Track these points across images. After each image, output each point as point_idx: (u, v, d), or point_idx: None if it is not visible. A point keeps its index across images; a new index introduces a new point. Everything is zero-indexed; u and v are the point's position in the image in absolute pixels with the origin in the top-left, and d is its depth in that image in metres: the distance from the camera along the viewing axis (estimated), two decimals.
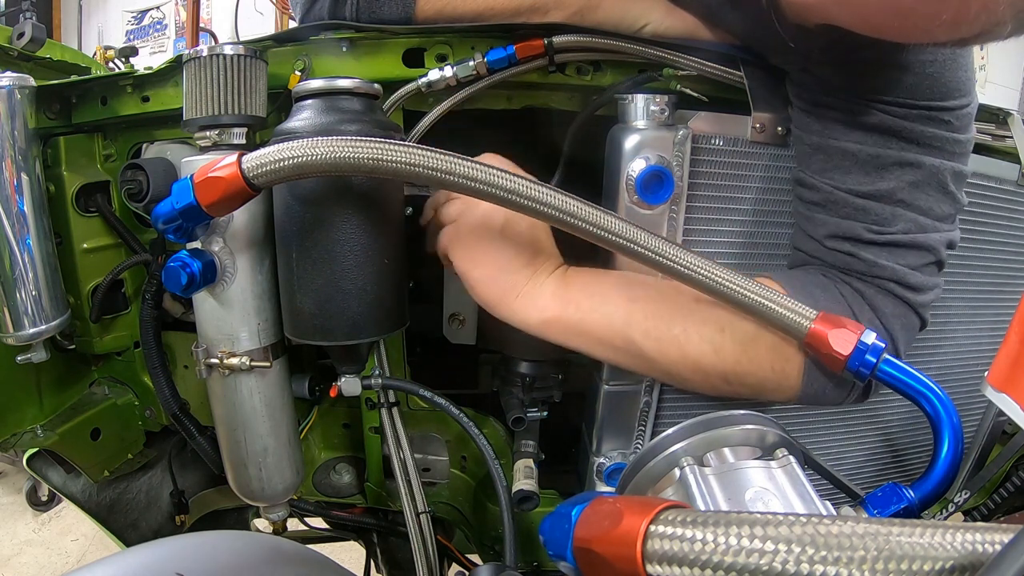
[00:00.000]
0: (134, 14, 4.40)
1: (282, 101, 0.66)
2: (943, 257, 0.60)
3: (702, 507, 0.42)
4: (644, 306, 0.58)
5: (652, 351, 0.57)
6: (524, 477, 0.69)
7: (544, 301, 0.58)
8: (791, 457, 0.45)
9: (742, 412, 0.48)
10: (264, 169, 0.48)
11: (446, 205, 0.62)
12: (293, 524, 1.14)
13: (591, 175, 0.66)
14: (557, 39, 0.62)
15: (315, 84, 0.56)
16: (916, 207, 0.57)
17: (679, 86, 0.65)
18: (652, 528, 0.32)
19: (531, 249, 0.60)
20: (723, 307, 0.58)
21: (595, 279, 0.60)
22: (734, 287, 0.53)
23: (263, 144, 0.51)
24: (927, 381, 0.55)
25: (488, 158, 0.59)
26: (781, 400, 0.60)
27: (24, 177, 0.64)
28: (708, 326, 0.57)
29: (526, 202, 0.50)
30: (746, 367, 0.57)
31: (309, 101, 0.56)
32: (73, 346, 0.77)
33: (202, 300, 0.60)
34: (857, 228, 0.58)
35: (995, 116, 0.77)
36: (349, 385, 0.66)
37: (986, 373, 0.60)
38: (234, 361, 0.60)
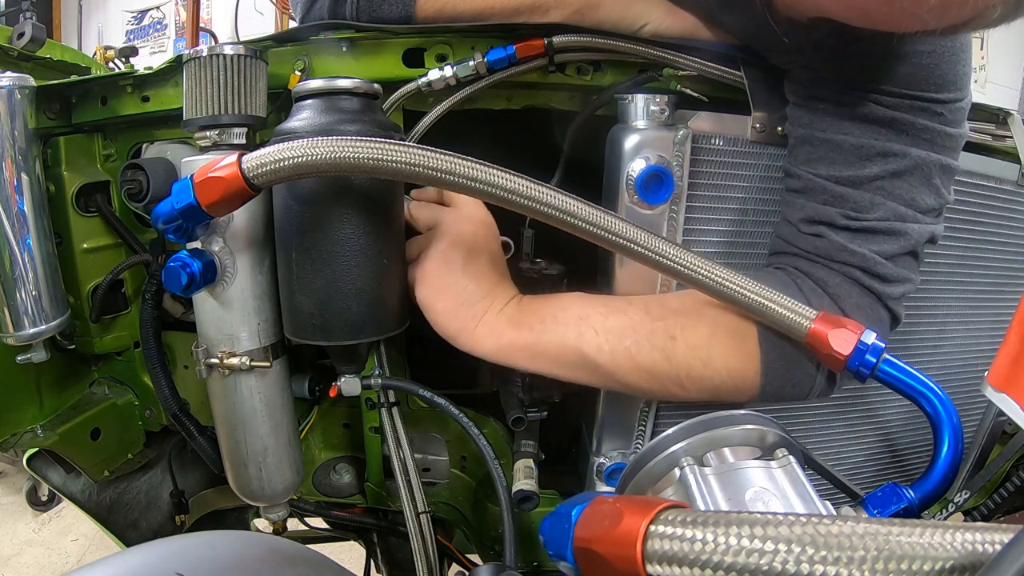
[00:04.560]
0: (134, 14, 4.40)
1: (282, 101, 0.66)
2: (920, 249, 0.59)
3: (702, 507, 0.42)
4: (594, 322, 0.59)
5: (606, 364, 0.58)
6: (524, 477, 0.69)
7: (501, 328, 0.60)
8: (791, 457, 0.45)
9: (742, 412, 0.48)
10: (264, 169, 0.48)
11: (412, 245, 0.64)
12: (293, 524, 1.14)
13: (591, 175, 0.66)
14: (557, 39, 0.62)
15: (315, 84, 0.56)
16: (897, 196, 0.57)
17: (679, 86, 0.65)
18: (652, 528, 0.32)
19: (489, 282, 0.62)
20: (674, 315, 0.59)
21: (547, 303, 0.62)
22: (734, 287, 0.53)
23: (263, 144, 0.51)
24: (927, 381, 0.55)
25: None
26: (742, 400, 0.61)
27: (24, 177, 0.64)
28: (659, 335, 0.58)
29: (526, 202, 0.50)
30: (700, 371, 0.58)
31: (309, 101, 0.56)
32: (73, 346, 0.77)
33: (202, 300, 0.60)
34: (832, 213, 0.58)
35: (995, 116, 0.77)
36: (349, 385, 0.66)
37: (986, 373, 0.60)
38: (234, 361, 0.60)
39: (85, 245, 0.74)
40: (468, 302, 0.60)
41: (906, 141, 0.56)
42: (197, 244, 0.58)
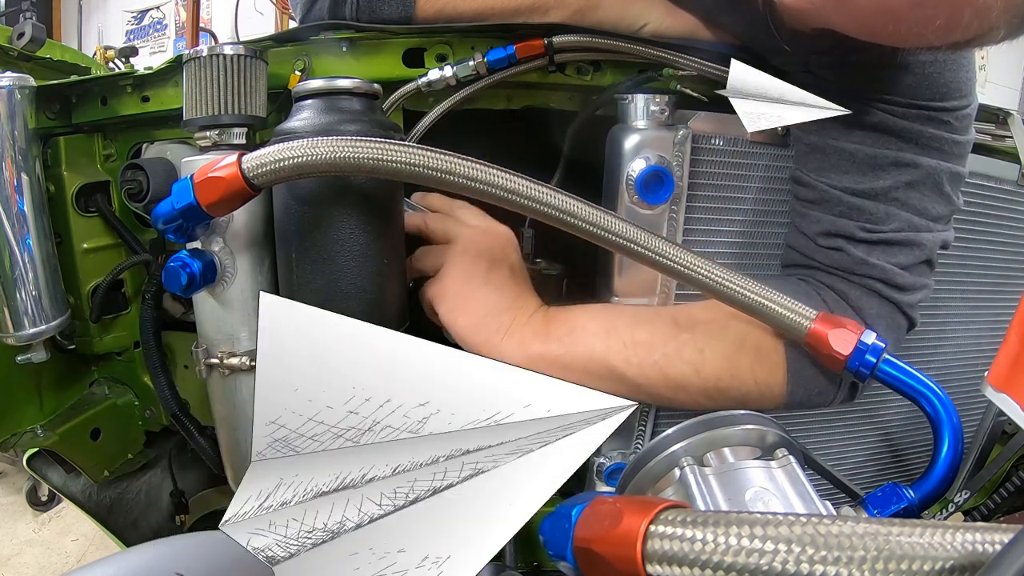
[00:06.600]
0: (134, 14, 4.40)
1: (282, 101, 0.66)
2: (934, 257, 0.60)
3: (702, 507, 0.42)
4: (622, 335, 0.59)
5: (635, 377, 0.58)
6: None
7: (527, 340, 0.59)
8: (791, 457, 0.45)
9: (742, 412, 0.48)
10: (264, 169, 0.48)
11: (426, 256, 0.63)
12: None
13: (591, 175, 0.66)
14: (557, 39, 0.62)
15: (315, 84, 0.56)
16: (911, 207, 0.58)
17: (679, 86, 0.65)
18: (652, 528, 0.32)
19: (512, 293, 0.61)
20: (702, 326, 0.59)
21: (574, 314, 0.61)
22: (734, 287, 0.53)
23: (263, 144, 0.51)
24: (927, 381, 0.55)
25: None
26: (768, 408, 0.60)
27: (24, 177, 0.64)
28: (687, 348, 0.58)
29: (526, 202, 0.50)
30: (728, 383, 0.58)
31: (309, 101, 0.56)
32: (73, 346, 0.77)
33: (202, 300, 0.60)
34: (850, 226, 0.58)
35: (995, 116, 0.77)
36: None
37: (986, 373, 0.60)
38: (234, 361, 0.60)
39: (85, 245, 0.74)
40: (492, 314, 0.60)
41: (916, 150, 0.56)
42: (197, 244, 0.58)
